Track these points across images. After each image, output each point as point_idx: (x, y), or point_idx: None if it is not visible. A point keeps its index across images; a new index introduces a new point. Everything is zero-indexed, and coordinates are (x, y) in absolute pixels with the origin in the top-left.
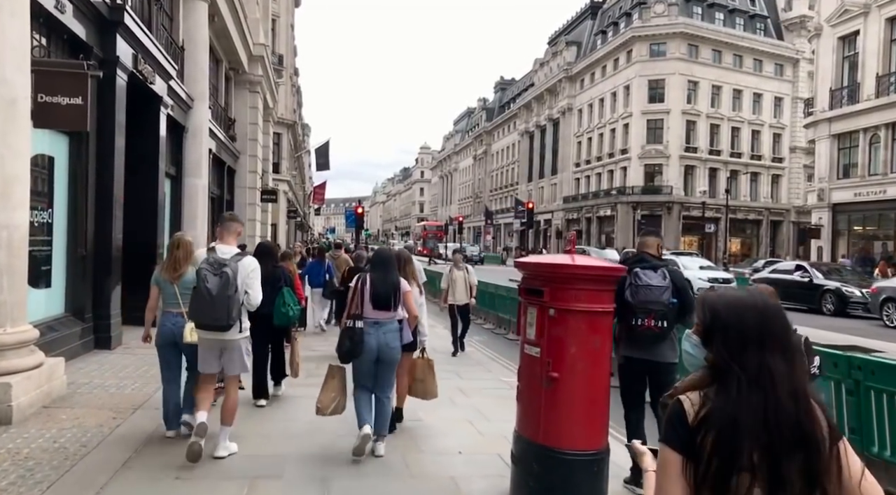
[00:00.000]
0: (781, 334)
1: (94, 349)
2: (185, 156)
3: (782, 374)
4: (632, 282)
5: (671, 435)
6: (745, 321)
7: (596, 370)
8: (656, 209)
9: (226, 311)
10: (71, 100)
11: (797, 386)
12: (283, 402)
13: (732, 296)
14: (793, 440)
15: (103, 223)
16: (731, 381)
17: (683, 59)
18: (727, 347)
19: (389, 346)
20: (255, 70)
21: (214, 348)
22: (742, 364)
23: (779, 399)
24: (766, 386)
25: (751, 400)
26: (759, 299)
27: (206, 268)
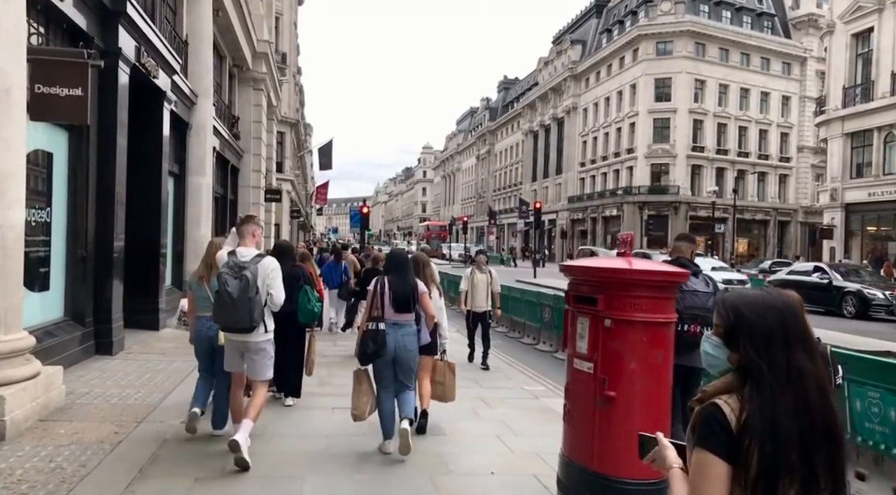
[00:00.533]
0: (803, 331)
1: (95, 355)
2: (189, 153)
3: (809, 371)
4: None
5: (713, 442)
6: (768, 320)
7: (658, 388)
8: (663, 209)
9: (248, 313)
10: (70, 91)
11: (823, 383)
12: (298, 409)
13: (752, 295)
14: (821, 436)
15: (104, 223)
16: (762, 382)
17: (690, 57)
18: (754, 347)
19: (406, 348)
20: (259, 67)
21: (238, 349)
22: (770, 363)
23: (808, 395)
24: (796, 384)
25: (785, 399)
26: (779, 298)
27: (227, 272)
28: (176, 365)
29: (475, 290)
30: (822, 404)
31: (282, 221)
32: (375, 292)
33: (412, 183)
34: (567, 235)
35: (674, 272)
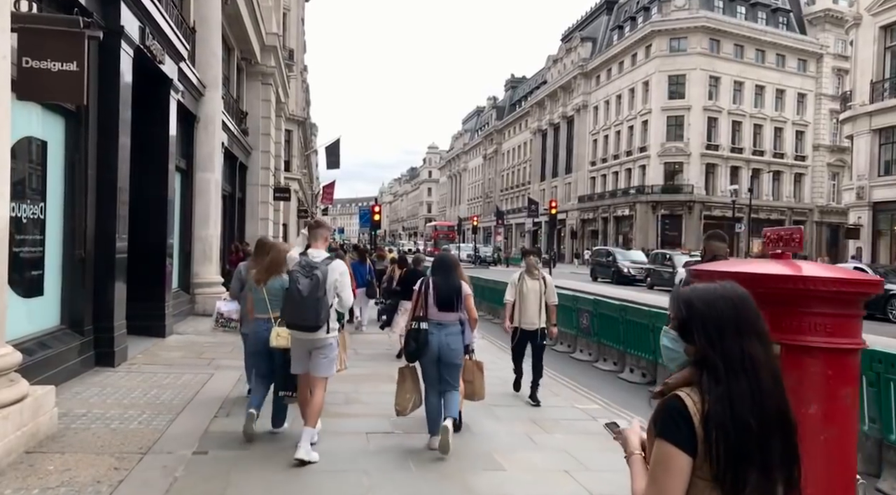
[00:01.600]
0: (755, 320)
1: (95, 366)
2: (197, 148)
3: (762, 359)
4: None
5: (676, 434)
6: (719, 310)
7: (846, 441)
8: (677, 209)
9: (315, 312)
10: (64, 65)
11: (775, 370)
12: (325, 434)
13: (703, 288)
14: (776, 422)
15: (105, 220)
16: (717, 371)
17: (705, 53)
18: (707, 337)
19: (450, 347)
20: (268, 61)
21: (303, 348)
22: (723, 352)
23: (762, 384)
24: (749, 372)
25: (740, 387)
26: (731, 289)
27: (298, 271)
28: (185, 378)
29: (525, 302)
30: (775, 391)
31: (289, 221)
32: (420, 292)
33: (417, 183)
34: (577, 235)
35: (867, 281)
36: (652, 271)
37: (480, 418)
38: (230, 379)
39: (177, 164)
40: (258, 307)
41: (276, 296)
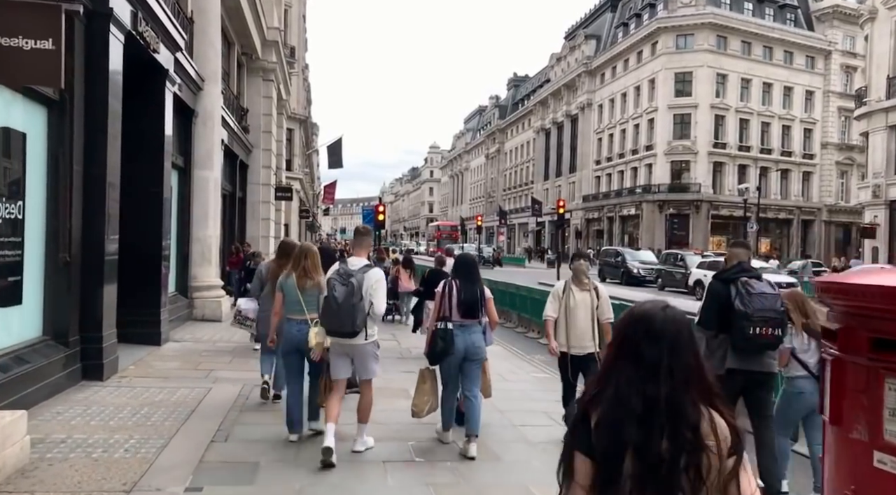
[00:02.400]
0: (637, 342)
1: (83, 380)
2: (195, 145)
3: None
4: (741, 292)
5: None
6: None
7: None
8: (684, 208)
9: (350, 319)
10: (38, 43)
11: (647, 392)
12: (340, 464)
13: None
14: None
15: (93, 220)
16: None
17: (712, 50)
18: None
19: (475, 346)
20: (269, 56)
21: (343, 354)
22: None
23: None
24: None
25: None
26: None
27: (335, 278)
28: (180, 394)
29: (573, 319)
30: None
31: (291, 221)
32: (444, 294)
33: (419, 183)
34: (582, 235)
35: None
36: (663, 272)
37: (510, 441)
38: (229, 393)
39: (173, 161)
40: (292, 308)
41: (312, 298)
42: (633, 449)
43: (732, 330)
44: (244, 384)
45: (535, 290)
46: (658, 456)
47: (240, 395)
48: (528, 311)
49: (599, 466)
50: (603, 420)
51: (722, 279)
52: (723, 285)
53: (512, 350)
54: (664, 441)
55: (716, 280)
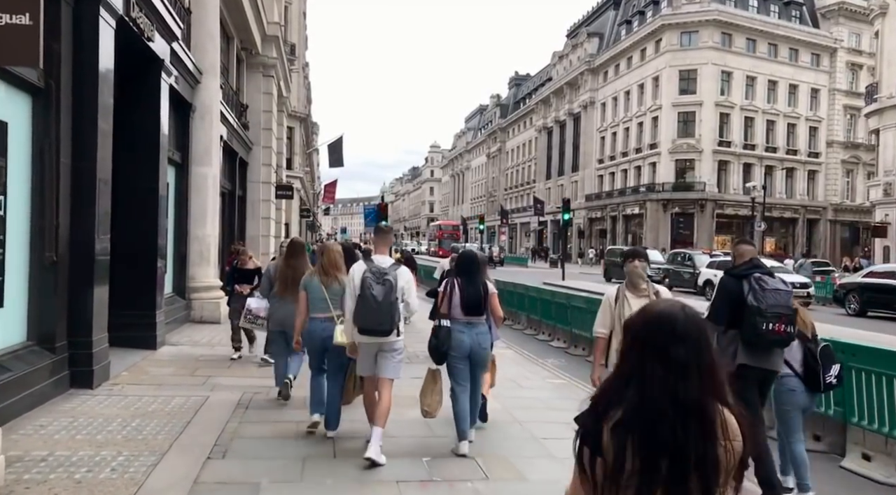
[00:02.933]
0: (662, 342)
1: (71, 388)
2: (193, 140)
3: (656, 376)
4: (755, 287)
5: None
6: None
7: None
8: (688, 207)
9: (389, 317)
10: (12, 18)
11: (673, 388)
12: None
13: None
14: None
15: (82, 217)
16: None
17: (716, 48)
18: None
19: (481, 346)
20: (269, 51)
21: (372, 351)
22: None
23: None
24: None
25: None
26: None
27: (370, 277)
28: (175, 403)
29: None
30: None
31: (291, 220)
32: (445, 292)
33: (419, 182)
34: (585, 234)
35: None
36: (671, 272)
37: (533, 457)
38: (228, 402)
39: (170, 157)
40: (317, 306)
41: (336, 296)
42: (663, 450)
43: (744, 325)
44: (244, 391)
45: (545, 291)
46: (688, 455)
47: (239, 404)
48: (537, 313)
49: (616, 464)
50: (629, 420)
51: (734, 275)
52: (735, 281)
53: (523, 353)
54: (693, 440)
55: (727, 275)
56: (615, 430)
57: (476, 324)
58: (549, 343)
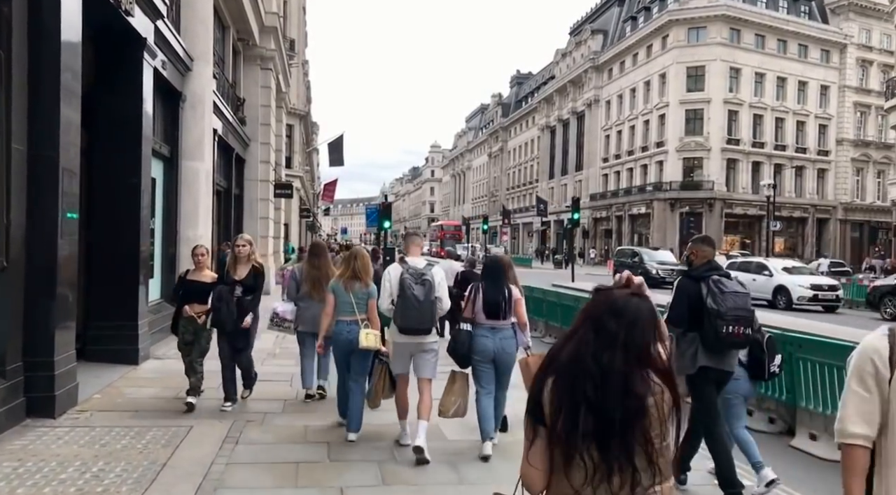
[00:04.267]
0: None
1: (27, 418)
2: (183, 132)
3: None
4: (713, 290)
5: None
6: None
7: None
8: (696, 206)
9: (430, 316)
10: None
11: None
12: None
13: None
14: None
15: (42, 215)
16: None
17: (725, 44)
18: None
19: (505, 351)
20: (268, 43)
21: (408, 351)
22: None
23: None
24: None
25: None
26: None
27: (409, 278)
28: (150, 437)
29: None
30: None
31: (291, 221)
32: (469, 297)
33: (420, 182)
34: (589, 235)
35: None
36: None
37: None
38: (214, 436)
39: (157, 149)
40: (344, 309)
41: (362, 300)
42: (585, 406)
43: (704, 328)
44: (234, 420)
45: (566, 295)
46: (608, 413)
47: (227, 438)
48: (557, 319)
49: (554, 423)
50: (560, 377)
51: (692, 277)
52: (693, 283)
53: None
54: (614, 402)
55: (686, 278)
56: (553, 387)
57: (500, 329)
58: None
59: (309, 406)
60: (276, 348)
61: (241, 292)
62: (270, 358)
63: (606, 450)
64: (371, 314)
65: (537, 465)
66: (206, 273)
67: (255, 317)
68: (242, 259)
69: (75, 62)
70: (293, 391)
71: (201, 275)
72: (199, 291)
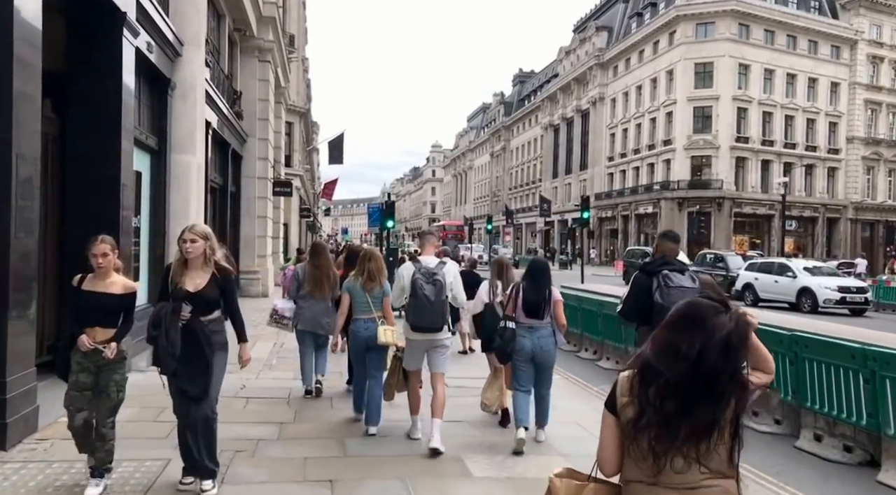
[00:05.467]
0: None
1: None
2: (173, 123)
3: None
4: (661, 285)
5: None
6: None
7: None
8: (705, 205)
9: (442, 314)
10: None
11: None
12: None
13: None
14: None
15: None
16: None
17: (734, 39)
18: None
19: (543, 350)
20: (266, 34)
21: (423, 348)
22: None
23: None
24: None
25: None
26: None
27: (420, 278)
28: (120, 474)
29: None
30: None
31: (290, 221)
32: (511, 295)
33: (420, 182)
34: (594, 235)
35: None
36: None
37: None
38: None
39: (142, 140)
40: (361, 308)
41: (378, 298)
42: (659, 401)
43: (653, 322)
44: (220, 450)
45: (588, 299)
46: (684, 409)
47: None
48: (577, 325)
49: (632, 416)
50: (640, 374)
51: (646, 271)
52: (646, 277)
53: (568, 377)
54: (692, 401)
55: (640, 272)
56: (630, 382)
57: (538, 328)
58: (596, 362)
59: (310, 425)
60: (273, 358)
61: (190, 312)
62: (266, 369)
63: (674, 441)
64: (386, 311)
65: (611, 450)
66: (111, 280)
67: (219, 347)
68: (196, 262)
69: (33, 32)
70: (291, 411)
71: (104, 282)
72: (102, 309)
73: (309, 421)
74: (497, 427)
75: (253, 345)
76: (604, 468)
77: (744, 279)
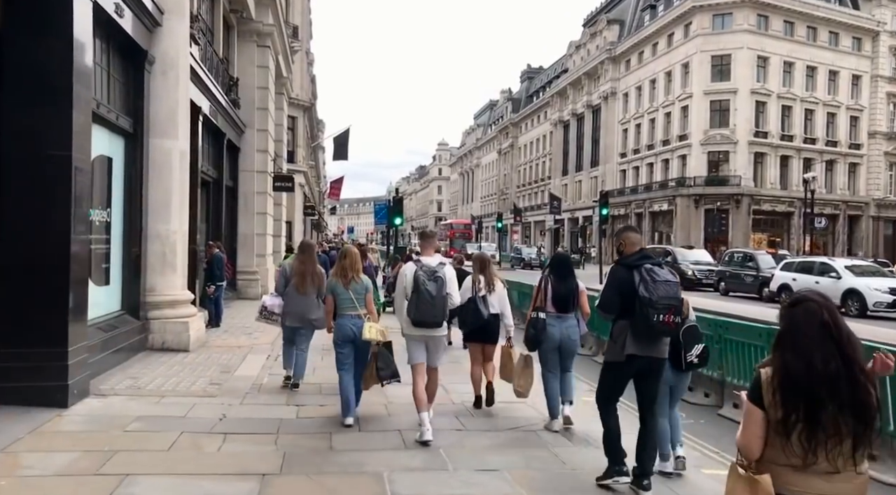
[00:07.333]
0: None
1: None
2: (151, 102)
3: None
4: (646, 278)
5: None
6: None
7: None
8: (723, 202)
9: (442, 310)
10: None
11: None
12: None
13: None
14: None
15: None
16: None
17: (752, 31)
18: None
19: (570, 339)
20: (265, 17)
21: (422, 342)
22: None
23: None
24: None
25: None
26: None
27: (423, 275)
28: None
29: None
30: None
31: (294, 218)
32: (540, 288)
33: (427, 181)
34: (607, 233)
35: None
36: (727, 275)
37: None
38: None
39: (110, 119)
40: (346, 305)
41: (360, 295)
42: (805, 397)
43: (636, 316)
44: None
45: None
46: (828, 404)
47: None
48: (594, 328)
49: (780, 411)
50: (784, 368)
51: (625, 265)
52: (626, 271)
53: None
54: (836, 396)
55: (619, 265)
56: (774, 376)
57: (565, 318)
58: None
59: (302, 480)
60: (265, 376)
61: None
62: (254, 392)
63: (820, 433)
64: (370, 308)
65: (757, 440)
66: None
67: None
68: None
69: None
70: (278, 455)
71: None
72: None
73: (300, 473)
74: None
75: (244, 358)
76: (749, 455)
77: (780, 279)
